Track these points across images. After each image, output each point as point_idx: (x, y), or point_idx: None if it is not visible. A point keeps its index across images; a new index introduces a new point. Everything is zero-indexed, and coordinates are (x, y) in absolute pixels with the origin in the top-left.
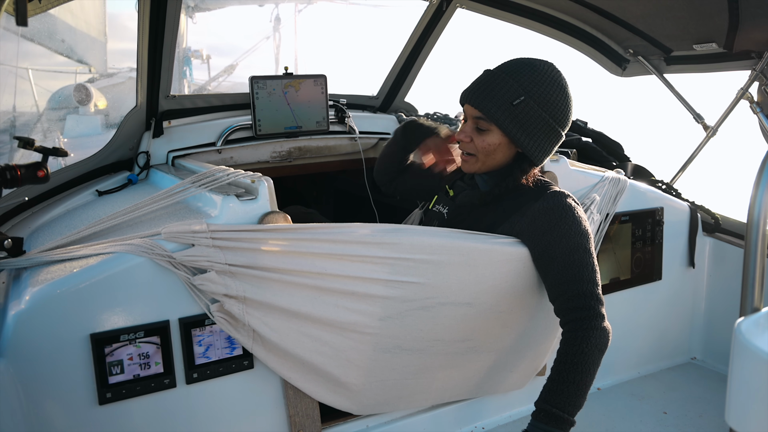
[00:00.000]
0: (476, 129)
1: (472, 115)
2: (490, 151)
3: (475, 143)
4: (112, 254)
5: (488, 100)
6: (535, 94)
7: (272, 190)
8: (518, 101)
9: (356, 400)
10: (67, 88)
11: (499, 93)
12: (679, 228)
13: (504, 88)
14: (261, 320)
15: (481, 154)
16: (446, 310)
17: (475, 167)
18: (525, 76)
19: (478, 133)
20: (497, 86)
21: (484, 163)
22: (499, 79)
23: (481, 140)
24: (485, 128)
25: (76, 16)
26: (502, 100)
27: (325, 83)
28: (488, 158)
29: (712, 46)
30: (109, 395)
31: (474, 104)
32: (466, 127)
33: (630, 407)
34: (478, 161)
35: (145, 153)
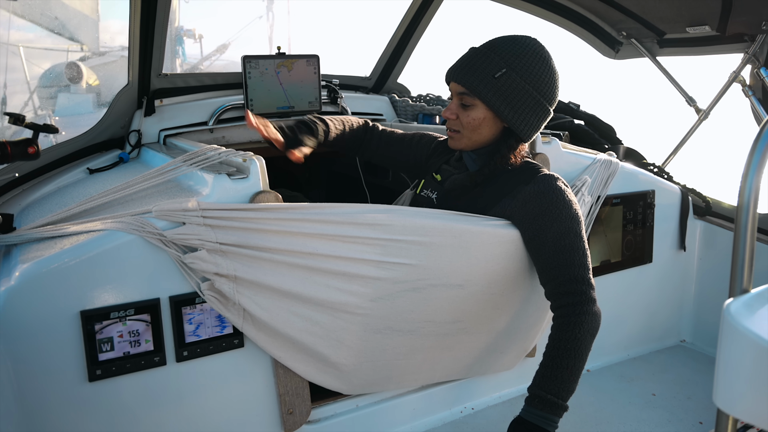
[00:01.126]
0: (461, 105)
1: (456, 92)
2: (476, 126)
3: (460, 119)
4: (103, 231)
5: (470, 74)
6: (516, 66)
7: (264, 169)
8: (500, 74)
9: (346, 380)
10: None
11: (480, 67)
12: (670, 211)
13: (485, 62)
14: (251, 299)
15: (467, 130)
16: (437, 292)
17: (462, 144)
18: (506, 49)
19: (463, 109)
20: (479, 61)
21: (470, 139)
22: (481, 54)
23: (466, 116)
24: (469, 103)
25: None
26: (484, 74)
27: (317, 63)
28: (474, 134)
29: (705, 29)
30: (99, 372)
31: (457, 80)
32: (452, 105)
33: (619, 389)
34: (463, 137)
35: (136, 131)
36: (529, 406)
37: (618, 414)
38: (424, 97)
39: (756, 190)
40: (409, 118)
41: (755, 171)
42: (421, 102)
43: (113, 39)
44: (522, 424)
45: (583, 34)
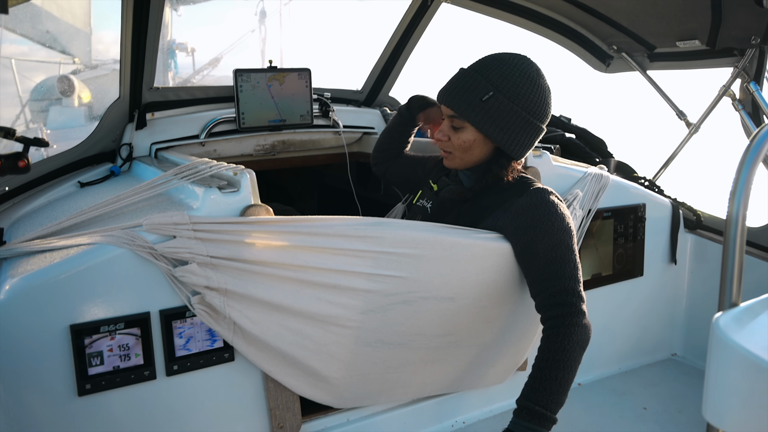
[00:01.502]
0: (452, 127)
1: (447, 114)
2: (466, 147)
3: (452, 141)
4: (93, 245)
5: (459, 98)
6: (503, 88)
7: (254, 182)
8: (487, 97)
9: (337, 394)
10: (51, 80)
11: (468, 90)
12: (661, 224)
13: (473, 86)
14: (242, 313)
15: (458, 151)
16: (428, 305)
17: (454, 163)
18: (493, 71)
19: (454, 131)
20: (467, 84)
21: (462, 159)
22: (469, 77)
23: (456, 138)
24: (459, 126)
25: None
26: (472, 97)
27: (309, 77)
28: (465, 154)
29: (695, 43)
30: (89, 387)
31: (447, 103)
32: (444, 126)
33: (610, 403)
34: (456, 158)
35: (128, 145)
36: (518, 418)
37: (609, 428)
38: None
39: (744, 202)
40: None
41: (744, 183)
42: None
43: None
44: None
45: (574, 48)
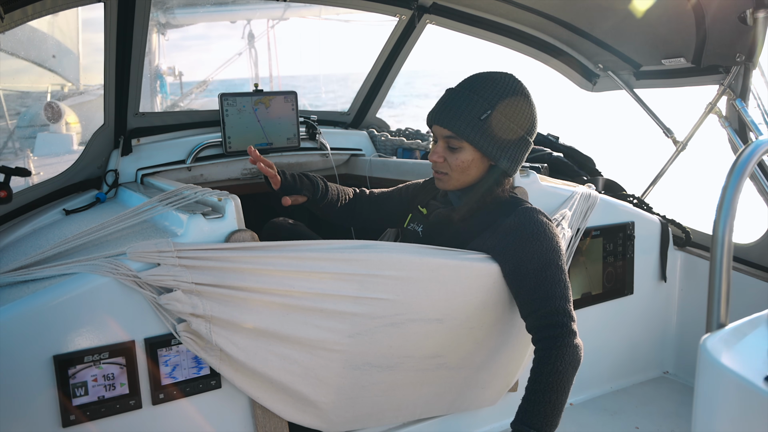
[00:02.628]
0: (448, 148)
1: (442, 135)
2: (464, 168)
3: (448, 162)
4: (77, 274)
5: (456, 118)
6: (500, 107)
7: (239, 208)
8: (485, 116)
9: (326, 419)
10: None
11: (465, 110)
12: (650, 242)
13: (470, 105)
14: (228, 339)
15: (455, 172)
16: (416, 327)
17: (450, 185)
18: (488, 90)
19: (451, 152)
20: (462, 104)
21: (458, 180)
22: (464, 96)
23: (454, 158)
24: (457, 146)
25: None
26: (470, 117)
27: (295, 100)
28: (462, 175)
29: (681, 61)
30: (73, 418)
31: (443, 124)
32: (438, 148)
33: (602, 422)
34: (452, 179)
35: (113, 171)
36: None
37: None
38: (403, 131)
39: (730, 223)
40: (388, 152)
41: (729, 204)
42: (400, 136)
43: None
44: None
45: (561, 68)
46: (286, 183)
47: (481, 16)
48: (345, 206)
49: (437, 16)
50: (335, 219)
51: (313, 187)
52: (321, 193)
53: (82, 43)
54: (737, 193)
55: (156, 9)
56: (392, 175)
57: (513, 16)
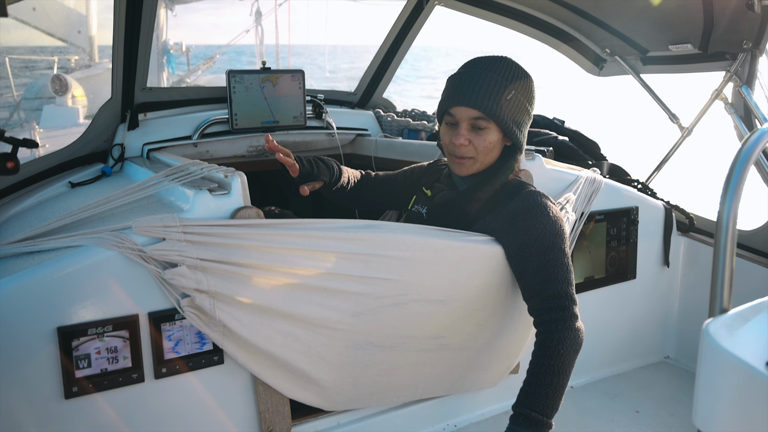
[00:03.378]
0: (473, 130)
1: (468, 117)
2: (490, 149)
3: (474, 145)
4: (82, 246)
5: (486, 98)
6: (520, 87)
7: (245, 184)
8: (510, 95)
9: (327, 397)
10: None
11: (493, 90)
12: (653, 227)
13: (495, 86)
14: (231, 315)
15: (481, 155)
16: (419, 307)
17: (473, 168)
18: (505, 70)
19: (476, 134)
20: (490, 84)
21: (482, 163)
22: (486, 77)
23: (481, 140)
24: (484, 127)
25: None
26: (498, 97)
27: (302, 78)
28: (487, 157)
29: (688, 47)
30: (76, 389)
31: (471, 105)
32: (462, 131)
33: (603, 406)
34: (476, 162)
35: (119, 145)
36: (514, 425)
37: (602, 431)
38: (409, 112)
39: (734, 208)
40: (394, 133)
41: (734, 188)
42: (406, 117)
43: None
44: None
45: (568, 52)
46: (303, 170)
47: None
48: (353, 189)
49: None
50: (344, 202)
51: (329, 171)
52: (336, 176)
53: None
54: (742, 179)
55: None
56: (398, 156)
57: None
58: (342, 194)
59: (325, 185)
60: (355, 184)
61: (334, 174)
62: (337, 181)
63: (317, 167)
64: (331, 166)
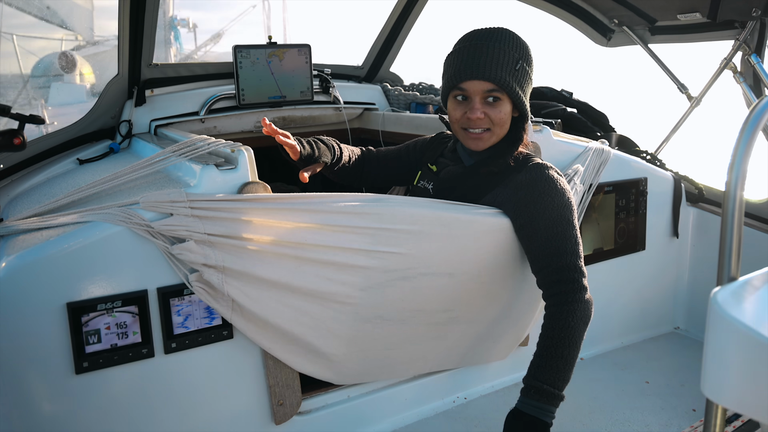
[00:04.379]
0: (487, 103)
1: (482, 90)
2: (505, 120)
3: (489, 117)
4: (90, 222)
5: (500, 69)
6: (526, 57)
7: (252, 159)
8: (519, 66)
9: (337, 370)
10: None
11: (504, 62)
12: (662, 198)
13: (505, 57)
14: (240, 290)
15: (497, 127)
16: (427, 281)
17: (490, 142)
18: (510, 41)
19: (490, 106)
20: (499, 56)
21: (498, 135)
22: (497, 49)
23: (497, 112)
24: (498, 98)
25: None
26: (509, 68)
27: (309, 53)
28: (502, 129)
29: (696, 16)
30: (86, 365)
31: (486, 77)
32: (476, 104)
33: (613, 377)
34: (493, 135)
35: (127, 122)
36: (525, 397)
37: (611, 402)
38: (417, 86)
39: (742, 175)
40: (401, 107)
41: (741, 156)
42: (413, 91)
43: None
44: (519, 416)
45: (575, 22)
46: (305, 152)
47: None
48: (354, 167)
49: None
50: (346, 180)
51: (330, 152)
52: (336, 157)
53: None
54: (750, 147)
55: None
56: (405, 130)
57: None
58: (343, 174)
59: (326, 167)
60: (356, 162)
61: (335, 155)
62: (338, 162)
63: (318, 149)
64: (332, 146)
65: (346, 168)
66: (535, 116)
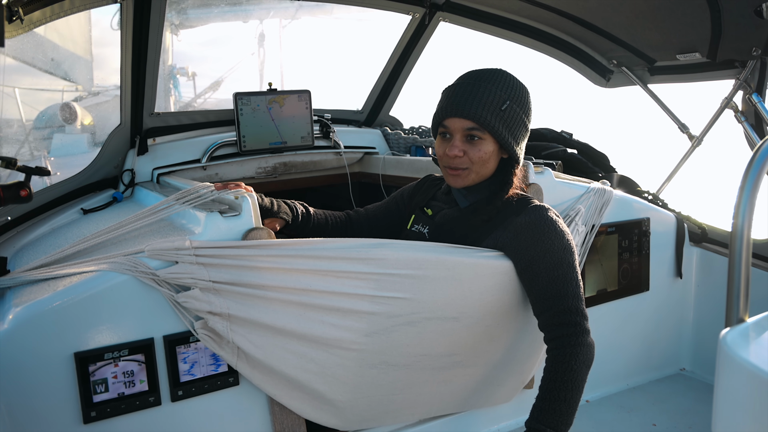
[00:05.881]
0: (467, 141)
1: (462, 128)
2: (486, 160)
3: (469, 156)
4: (96, 272)
5: (481, 108)
6: (516, 98)
7: (256, 205)
8: (505, 106)
9: (343, 417)
10: (53, 107)
11: (488, 100)
12: (665, 238)
13: (491, 96)
14: (245, 337)
15: (476, 165)
16: (432, 325)
17: (468, 180)
18: (501, 82)
19: (471, 144)
20: (484, 95)
21: (478, 174)
22: (482, 88)
23: (476, 150)
24: (479, 137)
25: (63, 36)
26: (493, 107)
27: (309, 98)
28: (482, 168)
29: (696, 56)
30: (94, 414)
31: (466, 115)
32: (456, 142)
33: (619, 420)
34: (472, 173)
35: (129, 171)
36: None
37: None
38: (417, 129)
39: (749, 217)
40: (401, 150)
41: (748, 198)
42: (413, 134)
43: (108, 78)
44: None
45: (574, 64)
46: (261, 203)
47: (493, 13)
48: (338, 229)
49: (450, 13)
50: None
51: (291, 212)
52: (302, 217)
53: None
54: (756, 187)
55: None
56: (405, 173)
57: (526, 12)
58: (322, 234)
59: (292, 226)
60: (341, 222)
61: (297, 214)
62: (306, 222)
63: (278, 205)
64: (294, 207)
65: (324, 229)
66: (535, 158)
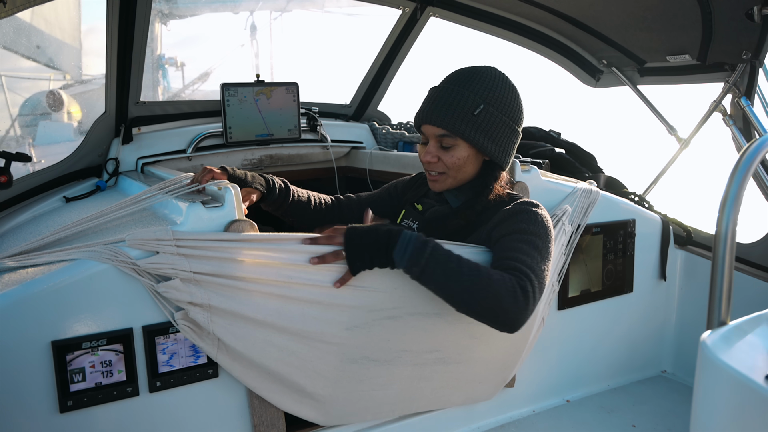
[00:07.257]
0: (441, 147)
1: (434, 134)
2: (461, 165)
3: (443, 161)
4: (75, 261)
5: (449, 115)
6: (492, 100)
7: (239, 197)
8: (478, 110)
9: (323, 411)
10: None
11: (457, 107)
12: (650, 240)
13: (461, 101)
14: (226, 329)
15: (452, 171)
16: (414, 321)
17: (446, 185)
18: (477, 84)
19: (445, 150)
20: (453, 100)
21: (455, 178)
22: (453, 92)
23: (449, 156)
24: (451, 144)
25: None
26: (463, 113)
27: (296, 91)
28: (459, 173)
29: (686, 58)
30: (70, 403)
31: (435, 123)
32: (431, 148)
33: (599, 420)
34: (448, 178)
35: (114, 160)
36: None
37: None
38: (404, 124)
39: (733, 220)
40: (389, 145)
41: (732, 201)
42: (401, 130)
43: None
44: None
45: (564, 63)
46: (234, 174)
47: (484, 10)
48: (324, 210)
49: (440, 9)
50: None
51: (266, 184)
52: (279, 190)
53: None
54: (741, 190)
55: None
56: (392, 168)
57: (517, 10)
58: (304, 213)
59: (268, 201)
60: (326, 205)
61: (275, 188)
62: (283, 197)
63: (252, 177)
64: (271, 180)
65: (306, 208)
66: (522, 156)
